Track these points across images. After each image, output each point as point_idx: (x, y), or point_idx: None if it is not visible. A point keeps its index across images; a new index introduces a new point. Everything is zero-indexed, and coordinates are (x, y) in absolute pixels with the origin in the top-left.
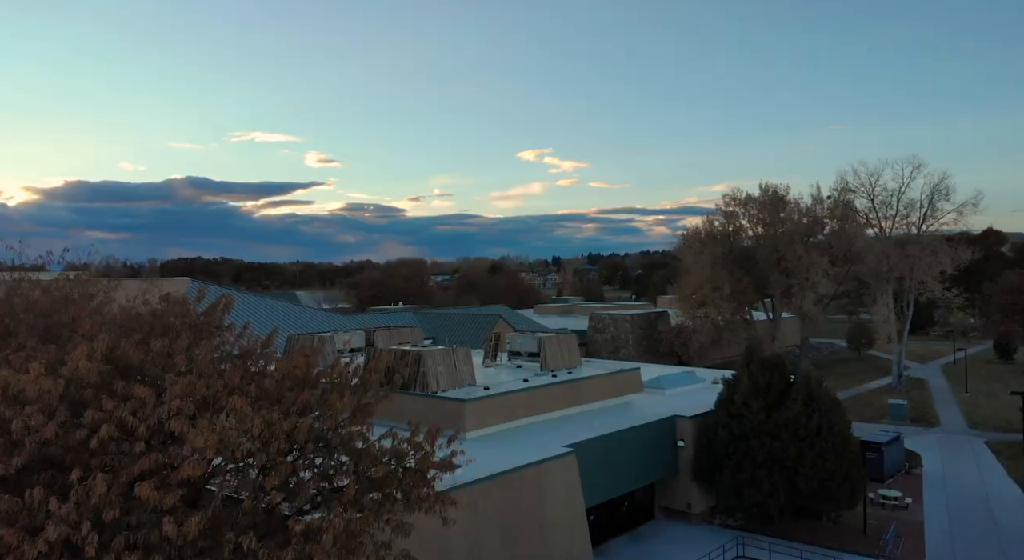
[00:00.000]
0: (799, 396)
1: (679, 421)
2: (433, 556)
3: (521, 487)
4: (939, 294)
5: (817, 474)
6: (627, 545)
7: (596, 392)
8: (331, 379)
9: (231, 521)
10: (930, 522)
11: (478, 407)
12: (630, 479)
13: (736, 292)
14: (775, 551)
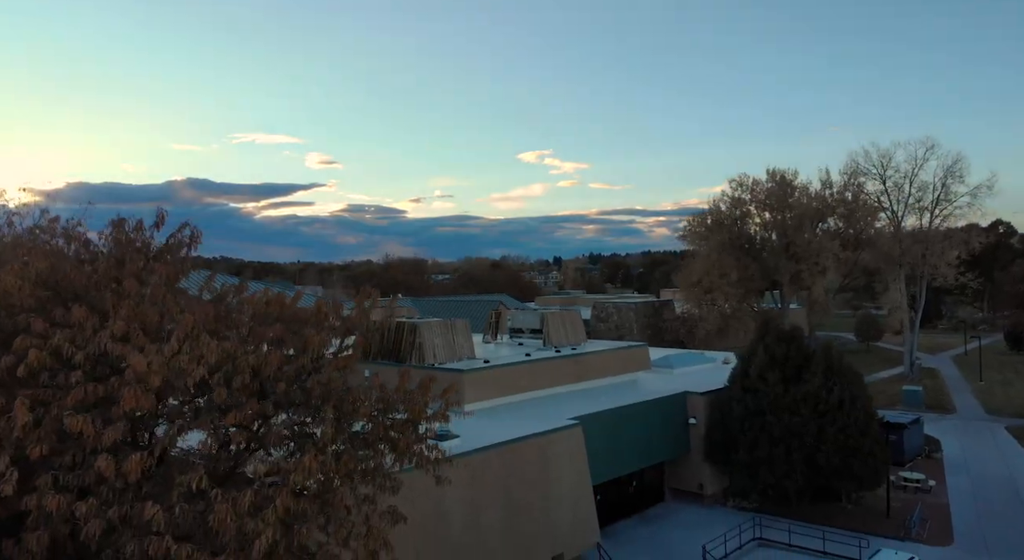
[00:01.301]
0: (819, 369)
1: (690, 397)
2: (431, 527)
3: (524, 459)
4: (952, 280)
5: (839, 451)
6: (636, 527)
7: (602, 368)
8: (310, 318)
9: (184, 465)
10: (955, 504)
11: (477, 378)
12: (638, 457)
13: (743, 279)
14: (795, 532)
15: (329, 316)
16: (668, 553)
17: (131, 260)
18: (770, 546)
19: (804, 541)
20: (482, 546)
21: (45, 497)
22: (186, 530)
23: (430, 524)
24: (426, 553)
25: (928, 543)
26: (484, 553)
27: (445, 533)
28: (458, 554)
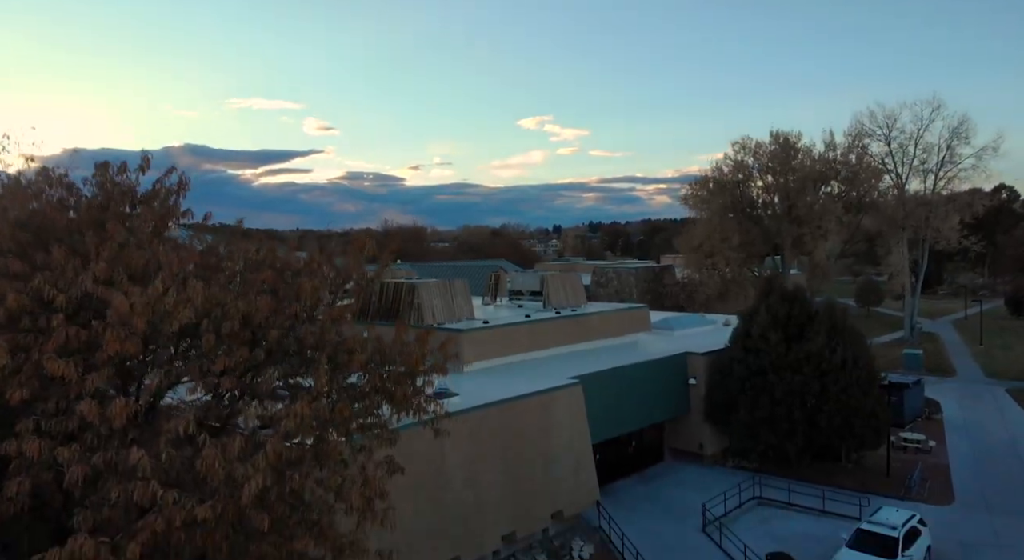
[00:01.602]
0: (822, 328)
1: (691, 358)
2: (430, 484)
3: (524, 417)
4: (955, 244)
5: (841, 410)
6: (635, 486)
7: (602, 329)
8: (303, 267)
9: (173, 413)
10: (955, 464)
11: (476, 338)
12: (638, 417)
13: (745, 243)
14: (794, 491)
15: (323, 266)
16: (667, 511)
17: (115, 203)
18: (770, 505)
19: (804, 500)
20: (481, 503)
21: (25, 442)
22: (173, 476)
23: (429, 481)
24: (425, 509)
25: (928, 502)
26: (483, 510)
27: (444, 490)
28: (457, 511)
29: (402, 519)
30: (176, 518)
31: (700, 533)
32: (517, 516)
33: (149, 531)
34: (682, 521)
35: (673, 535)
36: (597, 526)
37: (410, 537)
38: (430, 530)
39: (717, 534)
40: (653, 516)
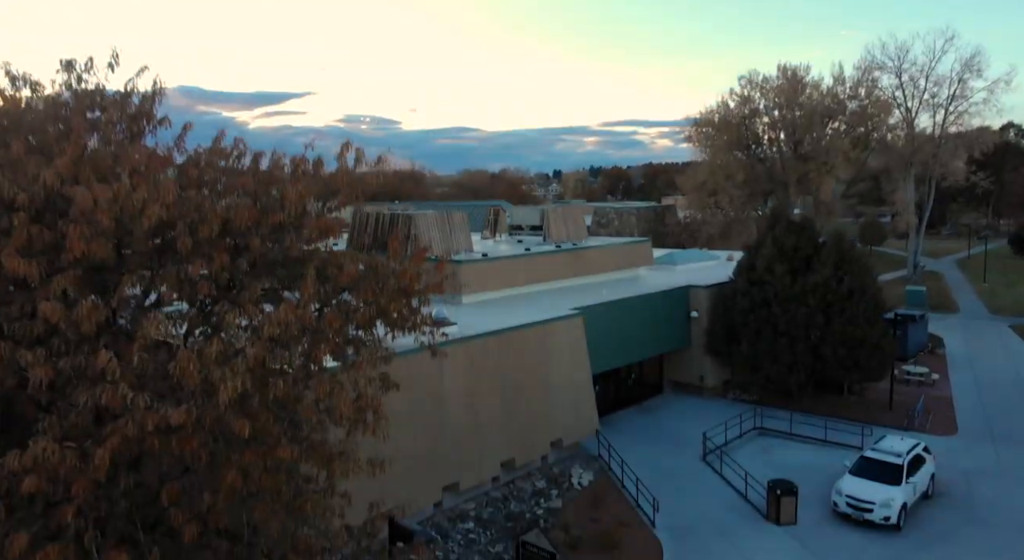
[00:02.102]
0: (829, 259)
1: (693, 291)
2: (428, 412)
3: (524, 347)
4: (963, 180)
5: (845, 342)
6: (634, 417)
7: (603, 263)
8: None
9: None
10: (958, 396)
11: (475, 270)
12: (639, 349)
13: (749, 180)
14: (796, 422)
15: (308, 174)
16: (667, 441)
17: (80, 100)
18: (770, 435)
19: (805, 430)
20: (480, 430)
21: None
22: (147, 382)
23: (427, 407)
24: (423, 437)
25: (932, 433)
26: (482, 437)
27: (442, 416)
28: (456, 437)
29: (400, 444)
30: (148, 423)
31: (700, 462)
32: (516, 444)
33: (119, 436)
34: (682, 450)
35: (673, 463)
36: (596, 454)
37: (409, 462)
38: (429, 456)
39: (717, 463)
40: (653, 445)
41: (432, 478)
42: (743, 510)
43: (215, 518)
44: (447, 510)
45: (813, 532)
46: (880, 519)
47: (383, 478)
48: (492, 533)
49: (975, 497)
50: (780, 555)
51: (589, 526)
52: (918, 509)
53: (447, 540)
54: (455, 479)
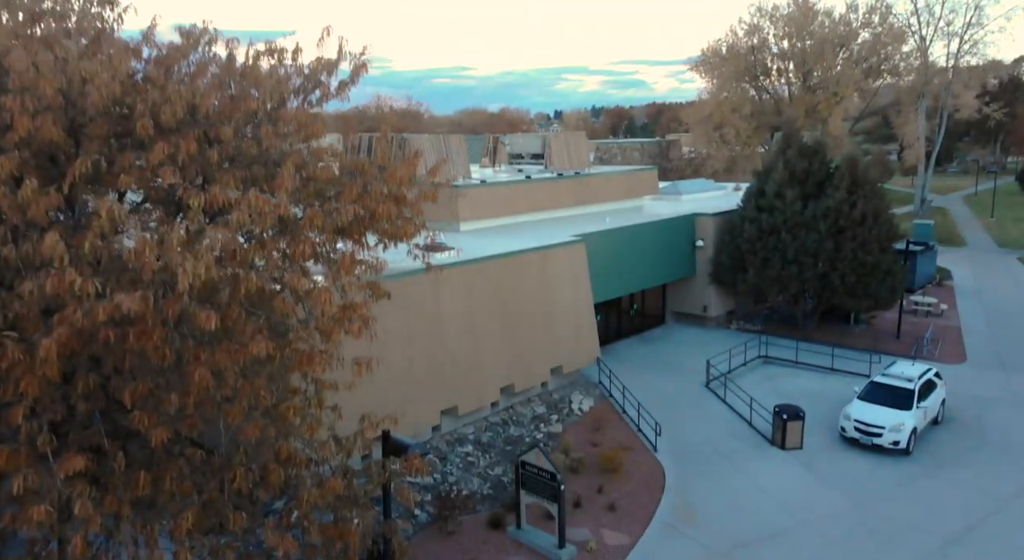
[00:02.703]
0: (842, 183)
1: (699, 219)
2: (426, 337)
3: (524, 272)
4: (975, 112)
5: (855, 269)
6: (635, 346)
7: (607, 191)
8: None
9: None
10: (967, 326)
11: (474, 195)
12: (642, 278)
13: (756, 113)
14: (802, 350)
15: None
16: (669, 368)
17: None
18: (775, 363)
19: (811, 358)
20: (478, 357)
21: None
22: (101, 270)
23: (424, 330)
24: (420, 360)
25: (941, 361)
26: (480, 364)
27: (440, 341)
28: (454, 362)
29: (397, 368)
30: (99, 312)
31: (703, 388)
32: (516, 370)
33: (67, 327)
34: (684, 378)
35: (675, 390)
36: (597, 382)
37: (406, 386)
38: (427, 380)
39: (721, 389)
40: (655, 373)
41: (430, 401)
42: (747, 435)
43: (187, 424)
44: (446, 434)
45: (819, 456)
46: (889, 444)
47: (378, 399)
48: (491, 456)
49: (985, 423)
50: (786, 478)
51: (589, 450)
52: (927, 434)
53: (445, 463)
54: (453, 403)
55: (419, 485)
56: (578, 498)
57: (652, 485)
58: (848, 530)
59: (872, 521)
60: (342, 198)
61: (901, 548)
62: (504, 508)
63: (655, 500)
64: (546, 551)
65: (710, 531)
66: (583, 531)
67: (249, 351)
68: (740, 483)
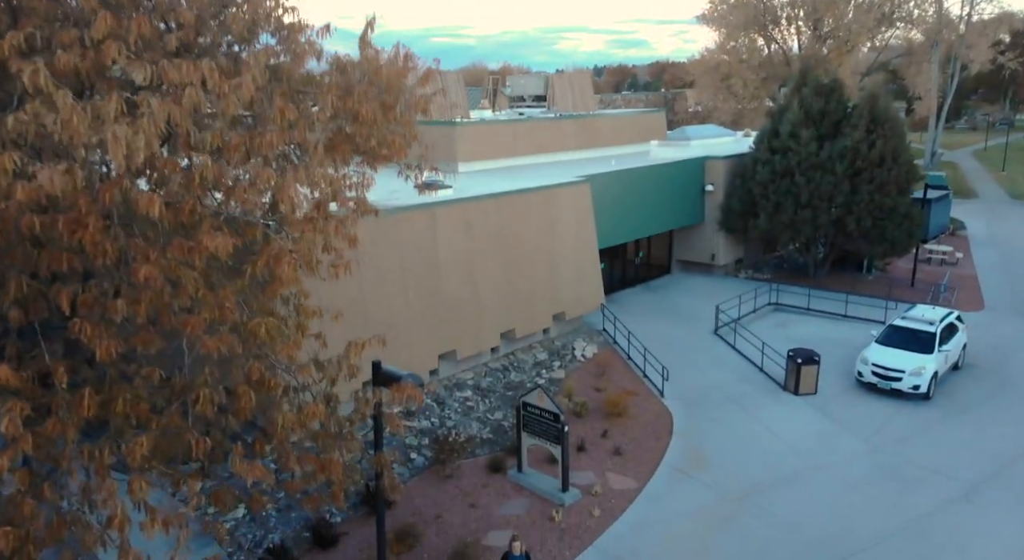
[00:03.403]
0: (861, 121)
1: (709, 163)
2: (422, 277)
3: (526, 213)
4: (990, 62)
5: (872, 212)
6: (641, 294)
7: (613, 134)
8: None
9: None
10: (983, 274)
11: (472, 133)
12: (649, 224)
13: (765, 63)
14: (814, 297)
15: None
16: (676, 316)
17: None
18: (787, 310)
19: (824, 305)
20: (478, 300)
21: None
22: (25, 149)
23: (421, 272)
24: (417, 302)
25: (958, 308)
26: (480, 307)
27: (437, 282)
28: (452, 305)
29: (392, 308)
30: (18, 191)
31: (712, 335)
32: (517, 314)
33: None
34: (692, 324)
35: (683, 337)
36: (601, 329)
37: (402, 327)
38: (424, 322)
39: (731, 336)
40: (661, 320)
41: (427, 345)
42: (759, 381)
43: (141, 339)
44: (444, 379)
45: (835, 402)
46: (909, 388)
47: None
48: (491, 401)
49: (1006, 368)
50: (800, 423)
51: (593, 395)
52: (947, 380)
53: (443, 407)
54: (452, 347)
55: (416, 429)
56: (582, 442)
57: (659, 430)
58: (867, 474)
59: (893, 465)
60: (321, 96)
61: (924, 492)
62: (505, 452)
63: (663, 445)
64: (549, 494)
65: (721, 476)
66: (587, 474)
67: (204, 246)
68: (752, 428)
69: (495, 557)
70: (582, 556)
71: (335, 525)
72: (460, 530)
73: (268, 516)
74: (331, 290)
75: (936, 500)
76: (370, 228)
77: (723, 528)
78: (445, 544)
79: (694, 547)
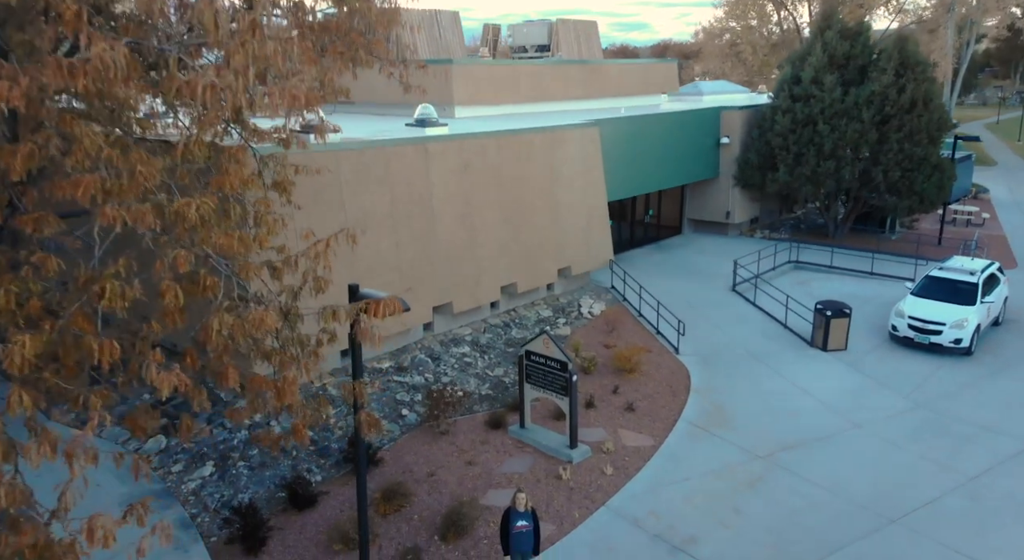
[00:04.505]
0: (889, 65)
1: (725, 114)
2: (415, 222)
3: (529, 157)
4: (1006, 29)
5: (900, 162)
6: (651, 254)
7: (621, 84)
8: None
9: None
10: (1012, 234)
11: (470, 74)
12: (661, 177)
13: (776, 41)
14: (837, 254)
15: None
16: (690, 274)
17: None
18: (808, 268)
19: (848, 262)
20: (475, 249)
21: None
22: None
23: (413, 213)
24: (408, 246)
25: None
26: (478, 257)
27: (431, 228)
28: (448, 253)
29: (380, 253)
30: None
31: (730, 292)
32: (518, 267)
33: None
34: (708, 282)
35: (698, 294)
36: (610, 287)
37: (391, 274)
38: (416, 270)
39: (750, 292)
40: (674, 278)
41: (420, 295)
42: (783, 337)
43: (33, 219)
44: (439, 334)
45: (868, 357)
46: (949, 342)
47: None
48: (491, 357)
49: None
50: (831, 380)
51: (602, 351)
52: (988, 335)
53: (439, 363)
54: (447, 299)
55: (408, 385)
56: (590, 398)
57: (675, 386)
58: (913, 432)
59: (939, 423)
60: None
61: (976, 450)
62: (506, 408)
63: (680, 401)
64: (554, 451)
65: (747, 433)
66: (597, 431)
67: (93, 65)
68: (778, 385)
69: (495, 517)
70: (594, 517)
71: (314, 484)
72: (456, 489)
73: (239, 474)
74: (311, 218)
75: (990, 458)
76: (354, 160)
77: (753, 489)
78: (438, 504)
79: (722, 509)
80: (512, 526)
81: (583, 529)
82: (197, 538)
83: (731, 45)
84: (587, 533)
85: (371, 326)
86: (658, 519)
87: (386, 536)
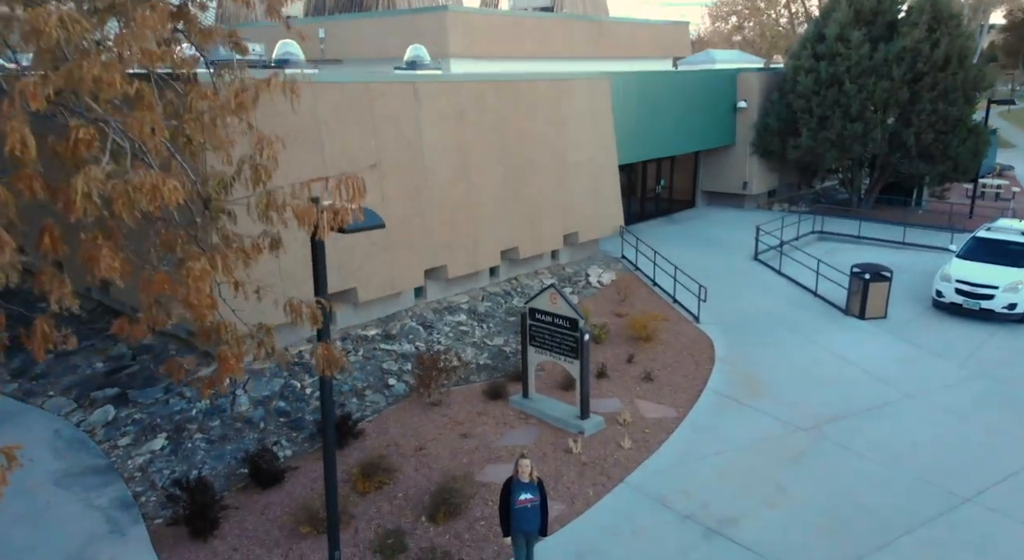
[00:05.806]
0: (921, 19)
1: (742, 76)
2: (407, 176)
3: (533, 108)
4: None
5: (934, 124)
6: (664, 226)
7: (630, 43)
8: None
9: None
10: None
11: (468, 22)
12: (674, 141)
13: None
14: (866, 224)
15: None
16: (707, 244)
17: None
18: (834, 239)
19: (877, 232)
20: (472, 207)
21: None
22: None
23: (400, 165)
24: (397, 200)
25: None
26: (475, 216)
27: (421, 181)
28: (442, 210)
29: (365, 202)
30: None
31: (752, 261)
32: (520, 230)
33: None
34: (728, 252)
35: (718, 263)
36: (620, 256)
37: (377, 231)
38: (405, 227)
39: (775, 261)
40: (691, 248)
41: (410, 255)
42: (814, 305)
43: None
44: (432, 301)
45: (912, 325)
46: (1003, 307)
47: (340, 242)
48: (490, 326)
49: None
50: (874, 348)
51: (614, 320)
52: None
53: (431, 331)
54: (441, 262)
55: (396, 353)
56: (603, 367)
57: (698, 355)
58: (975, 402)
59: (1003, 392)
60: None
61: None
62: (506, 377)
63: (704, 371)
64: (563, 423)
65: (785, 404)
66: (612, 401)
67: None
68: (815, 354)
69: (494, 495)
70: (612, 495)
71: (283, 459)
72: (448, 464)
73: (195, 448)
74: (283, 162)
75: None
76: (334, 96)
77: (799, 463)
78: (427, 481)
79: (764, 487)
80: (514, 500)
81: (600, 508)
82: (139, 519)
83: (737, 28)
84: (604, 513)
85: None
86: (688, 497)
87: (364, 517)
